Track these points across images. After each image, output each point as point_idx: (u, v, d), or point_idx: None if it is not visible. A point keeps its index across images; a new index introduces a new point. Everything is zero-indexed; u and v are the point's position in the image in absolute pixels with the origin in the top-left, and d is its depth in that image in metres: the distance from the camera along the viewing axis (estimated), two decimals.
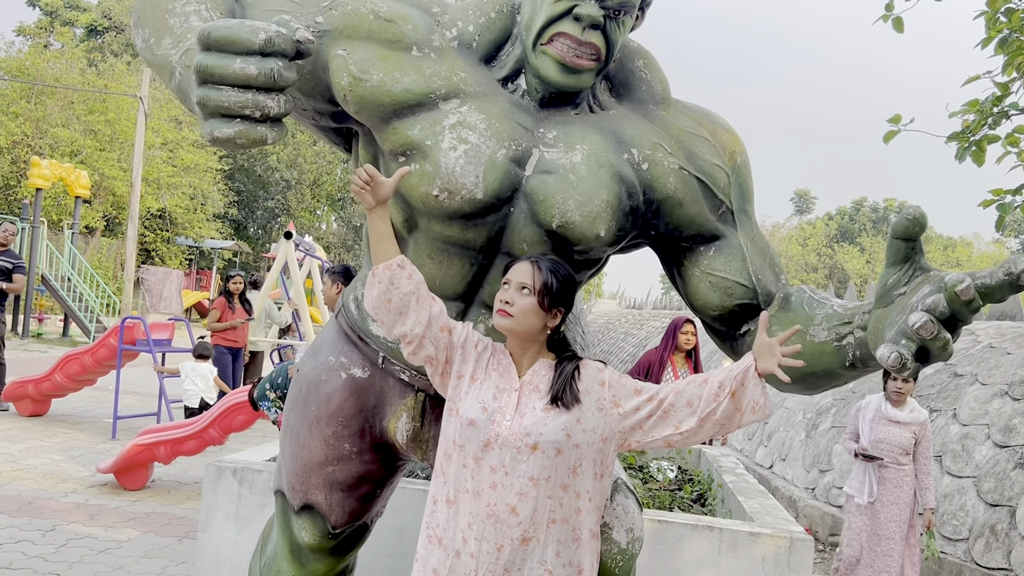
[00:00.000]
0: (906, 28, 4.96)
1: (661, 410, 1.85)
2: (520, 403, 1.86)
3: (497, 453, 1.83)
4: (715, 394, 1.81)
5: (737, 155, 2.19)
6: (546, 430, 1.82)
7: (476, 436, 1.85)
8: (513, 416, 1.85)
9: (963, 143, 4.53)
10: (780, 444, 8.82)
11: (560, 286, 1.88)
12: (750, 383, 1.79)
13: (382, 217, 1.88)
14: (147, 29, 2.11)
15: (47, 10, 39.82)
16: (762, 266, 2.15)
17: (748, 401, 1.80)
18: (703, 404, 1.82)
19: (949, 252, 46.82)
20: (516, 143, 1.98)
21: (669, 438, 1.86)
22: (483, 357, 1.94)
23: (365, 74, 1.99)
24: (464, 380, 1.92)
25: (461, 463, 1.87)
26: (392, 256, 1.87)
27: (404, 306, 1.87)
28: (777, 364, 1.76)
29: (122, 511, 5.57)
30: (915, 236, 1.68)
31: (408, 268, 1.88)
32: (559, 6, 1.94)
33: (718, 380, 1.82)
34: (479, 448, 1.85)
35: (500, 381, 1.90)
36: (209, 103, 1.63)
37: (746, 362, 1.81)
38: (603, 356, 21.10)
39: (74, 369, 8.66)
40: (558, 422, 1.82)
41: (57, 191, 23.24)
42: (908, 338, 1.53)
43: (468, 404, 1.88)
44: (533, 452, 1.81)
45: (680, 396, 1.85)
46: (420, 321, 1.87)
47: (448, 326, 1.93)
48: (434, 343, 1.90)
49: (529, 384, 1.89)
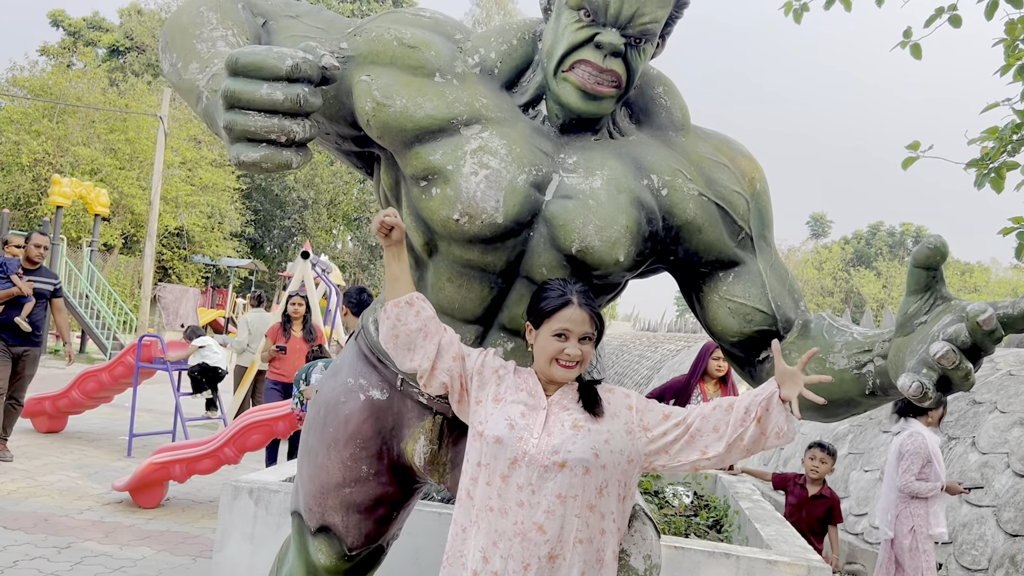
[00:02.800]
0: (925, 54, 4.97)
1: (688, 435, 1.86)
2: (548, 421, 1.87)
3: (524, 471, 1.83)
4: (741, 419, 1.82)
5: (756, 182, 2.19)
6: (575, 448, 1.82)
7: (503, 454, 1.85)
8: (540, 434, 1.85)
9: (982, 170, 4.51)
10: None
11: (598, 318, 1.94)
12: (774, 409, 1.80)
13: (398, 257, 1.93)
14: (175, 54, 2.15)
15: (70, 30, 40.39)
16: (781, 292, 2.15)
17: (773, 427, 1.81)
18: (730, 430, 1.83)
19: (967, 277, 46.48)
20: (536, 168, 1.99)
21: (697, 463, 1.87)
22: (505, 379, 1.95)
23: (388, 100, 2.01)
24: (484, 404, 1.93)
25: (486, 481, 1.87)
26: (403, 295, 1.91)
27: (411, 342, 1.92)
28: (799, 392, 1.77)
29: (137, 529, 5.58)
30: (936, 265, 1.68)
31: (416, 305, 1.91)
32: (581, 34, 1.96)
33: (744, 405, 1.83)
34: (506, 466, 1.84)
35: (528, 400, 1.91)
36: (236, 128, 1.65)
37: (770, 388, 1.82)
38: (617, 378, 21.03)
39: (91, 386, 8.71)
40: (587, 441, 1.83)
41: (77, 209, 23.46)
42: (929, 367, 1.53)
43: (494, 423, 1.88)
44: (561, 470, 1.81)
45: (706, 421, 1.86)
46: (428, 355, 1.91)
47: (461, 354, 1.95)
48: (447, 373, 1.93)
49: (557, 404, 1.90)
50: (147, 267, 21.23)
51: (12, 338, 7.12)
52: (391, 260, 1.94)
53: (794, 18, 5.32)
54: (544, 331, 1.90)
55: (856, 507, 7.03)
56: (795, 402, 1.77)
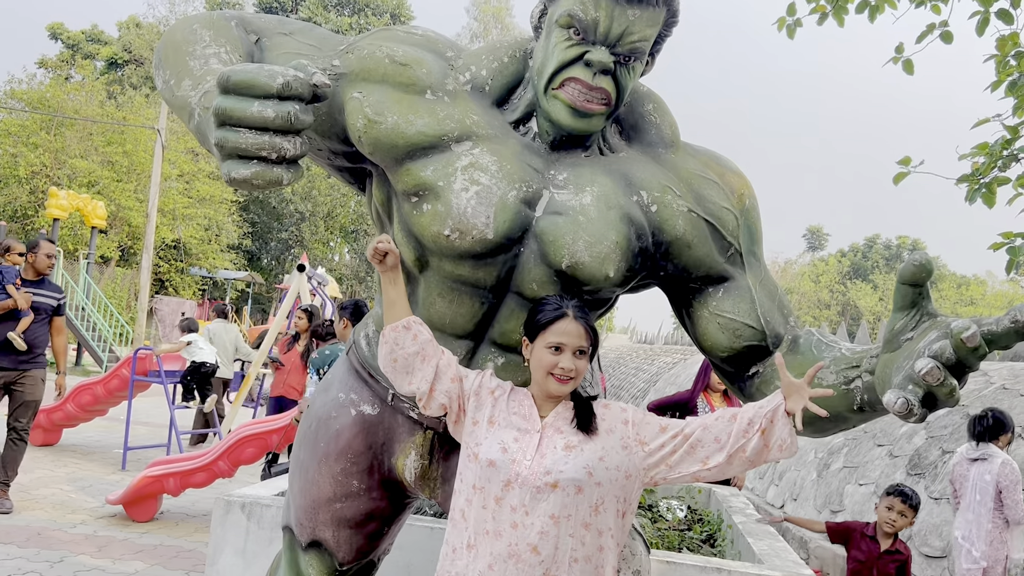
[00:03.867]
0: (918, 69, 5.01)
1: (688, 445, 1.86)
2: (541, 444, 1.87)
3: (517, 492, 1.83)
4: (744, 430, 1.82)
5: (746, 198, 2.21)
6: (566, 468, 1.82)
7: (496, 476, 1.85)
8: (534, 456, 1.85)
9: (973, 185, 4.54)
10: (791, 483, 8.74)
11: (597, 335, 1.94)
12: (779, 421, 1.81)
13: (394, 282, 1.96)
14: (168, 71, 2.16)
15: (69, 43, 40.51)
16: (771, 308, 2.16)
17: (776, 439, 1.81)
18: (732, 440, 1.83)
19: (963, 290, 46.57)
20: (527, 184, 2.01)
21: (697, 473, 1.87)
22: (500, 401, 1.96)
23: (380, 116, 2.02)
24: (480, 425, 1.93)
25: (481, 505, 1.88)
26: (400, 319, 1.93)
27: (409, 366, 1.93)
28: (804, 405, 1.77)
29: (130, 543, 5.56)
30: (922, 282, 1.69)
31: (414, 329, 1.93)
32: (570, 52, 1.98)
33: (747, 417, 1.83)
34: (500, 488, 1.85)
35: (522, 423, 1.92)
36: (227, 145, 1.67)
37: (776, 400, 1.82)
38: (613, 391, 21.01)
39: (86, 399, 8.70)
40: (579, 460, 1.83)
41: (74, 221, 23.48)
42: (915, 384, 1.54)
43: (488, 446, 1.89)
44: (553, 490, 1.82)
45: (707, 431, 1.86)
46: (426, 378, 1.93)
47: (459, 375, 1.96)
48: (446, 394, 1.94)
49: (551, 426, 1.90)
50: (144, 279, 21.23)
51: (3, 358, 6.13)
52: (387, 285, 1.96)
53: (788, 33, 5.37)
54: (539, 344, 1.91)
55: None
56: (799, 415, 1.77)
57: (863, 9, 5.21)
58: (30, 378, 6.21)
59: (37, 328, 6.26)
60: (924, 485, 6.48)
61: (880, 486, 6.99)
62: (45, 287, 6.40)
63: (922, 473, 6.64)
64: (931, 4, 5.06)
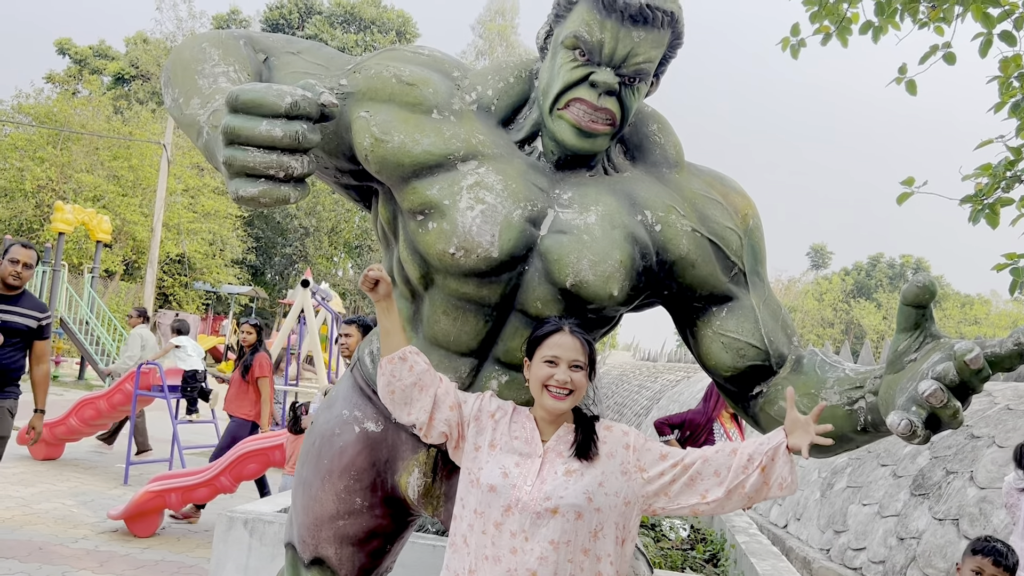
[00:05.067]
0: (923, 90, 5.03)
1: (687, 476, 1.86)
2: (543, 469, 1.87)
3: (517, 518, 1.83)
4: (744, 466, 1.81)
5: (750, 218, 2.22)
6: (567, 493, 1.82)
7: (497, 502, 1.85)
8: (534, 482, 1.85)
9: (977, 206, 4.55)
10: (795, 503, 8.70)
11: (592, 351, 1.93)
12: (780, 459, 1.80)
13: (388, 311, 1.98)
14: (177, 88, 2.18)
15: (77, 58, 40.77)
16: (774, 328, 2.16)
17: (776, 477, 1.80)
18: (731, 475, 1.82)
19: (967, 310, 46.47)
20: (532, 203, 2.02)
21: (696, 507, 1.86)
22: (501, 424, 1.96)
23: (386, 135, 2.04)
24: (482, 450, 1.94)
25: (481, 530, 1.88)
26: (396, 349, 1.94)
27: (407, 397, 1.95)
28: (809, 443, 1.77)
29: (132, 559, 5.55)
30: (925, 303, 1.70)
31: (410, 359, 1.94)
32: (576, 73, 2.00)
33: (748, 453, 1.82)
34: (500, 513, 1.85)
35: (523, 447, 1.91)
36: (235, 163, 1.68)
37: (777, 438, 1.81)
38: (616, 408, 20.96)
39: (89, 413, 8.70)
40: (579, 485, 1.83)
41: (79, 235, 23.55)
42: (918, 405, 1.54)
43: (489, 471, 1.89)
44: (553, 516, 1.81)
45: (707, 464, 1.85)
46: (424, 408, 1.94)
47: (458, 402, 1.97)
48: (445, 423, 1.95)
49: (553, 450, 1.90)
50: (148, 293, 21.27)
51: None
52: (381, 315, 1.98)
53: (791, 53, 5.40)
54: (536, 359, 1.92)
55: (854, 541, 6.99)
56: (806, 449, 1.77)
57: (867, 30, 5.24)
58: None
59: (10, 352, 4.91)
60: (928, 506, 6.45)
61: (884, 506, 6.96)
62: (23, 304, 5.01)
63: (926, 494, 6.61)
64: (934, 25, 5.09)
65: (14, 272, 4.84)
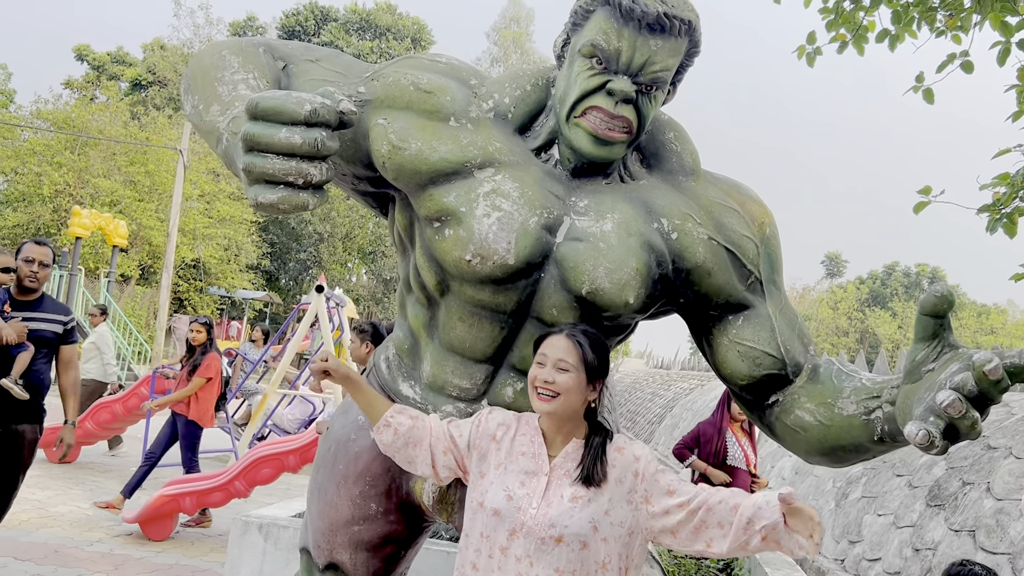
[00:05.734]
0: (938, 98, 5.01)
1: (693, 524, 1.81)
2: (548, 490, 1.85)
3: (522, 543, 1.81)
4: (744, 527, 1.77)
5: (766, 226, 2.21)
6: (572, 522, 1.79)
7: (501, 526, 1.84)
8: (539, 504, 1.83)
9: (994, 215, 4.53)
10: None
11: (598, 356, 1.89)
12: (784, 537, 1.73)
13: (356, 389, 2.04)
14: (196, 95, 2.20)
15: (95, 64, 41.15)
16: (791, 337, 2.16)
17: (786, 547, 1.75)
18: (733, 533, 1.78)
19: (983, 319, 46.14)
20: (548, 211, 2.03)
21: (704, 552, 1.82)
22: (504, 442, 1.95)
23: (404, 143, 2.05)
24: (487, 476, 1.93)
25: (488, 554, 1.87)
26: (379, 418, 2.00)
27: (407, 457, 2.01)
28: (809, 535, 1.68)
29: (146, 562, 5.57)
30: (943, 313, 1.69)
31: (393, 423, 1.99)
32: (593, 81, 2.00)
33: (747, 515, 1.76)
34: (505, 538, 1.84)
35: (529, 464, 1.90)
36: (255, 170, 1.69)
37: (774, 517, 1.74)
38: (629, 417, 20.91)
39: (105, 417, 8.76)
40: (585, 513, 1.80)
41: (96, 240, 23.74)
42: (937, 416, 1.53)
43: (493, 494, 1.87)
44: (557, 544, 1.79)
45: (711, 514, 1.80)
46: (425, 462, 1.99)
47: (452, 442, 1.98)
48: (447, 467, 1.99)
49: (560, 468, 1.88)
50: (163, 298, 21.39)
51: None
52: (352, 392, 2.05)
53: (807, 62, 5.39)
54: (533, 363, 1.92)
55: (869, 552, 6.94)
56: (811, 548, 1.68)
57: (883, 38, 5.22)
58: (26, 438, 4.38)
59: (39, 366, 4.48)
60: (944, 517, 6.40)
61: (899, 517, 6.91)
62: (44, 309, 4.56)
63: (942, 504, 6.56)
64: (952, 34, 5.07)
65: (30, 273, 4.39)
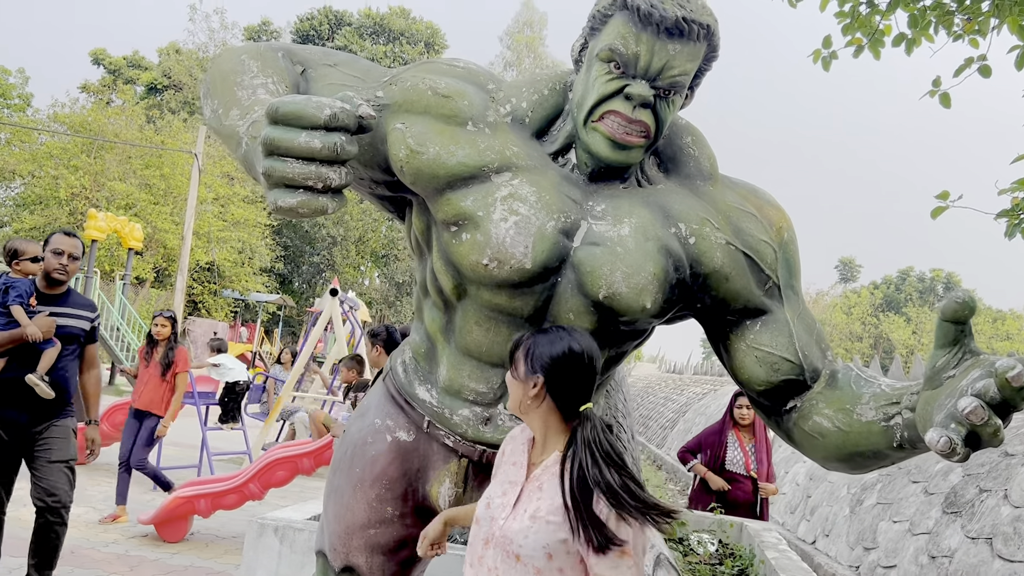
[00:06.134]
0: (955, 101, 4.98)
1: None
2: (519, 501, 1.83)
3: (492, 553, 1.80)
4: None
5: (784, 231, 2.20)
6: (526, 543, 1.75)
7: (479, 534, 1.84)
8: (509, 515, 1.81)
9: (1013, 220, 4.49)
10: (823, 519, 8.60)
11: (527, 347, 1.85)
12: None
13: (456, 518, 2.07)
14: (216, 100, 2.21)
15: (110, 68, 41.47)
16: (809, 342, 2.15)
17: None
18: None
19: (999, 325, 45.80)
20: (565, 215, 2.03)
21: None
22: (506, 450, 1.96)
23: (422, 147, 2.05)
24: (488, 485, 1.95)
25: (470, 563, 1.87)
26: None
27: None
28: None
29: (161, 563, 5.60)
30: (964, 319, 1.67)
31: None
32: (611, 85, 2.00)
33: None
34: (481, 546, 1.83)
35: (512, 473, 1.89)
36: (274, 174, 1.70)
37: None
38: (642, 421, 20.87)
39: (120, 419, 8.80)
40: (539, 537, 1.74)
41: (111, 243, 23.90)
42: (958, 422, 1.52)
43: (480, 501, 1.88)
44: (518, 562, 1.76)
45: None
46: None
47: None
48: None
49: (535, 480, 1.84)
50: (177, 301, 21.51)
51: (14, 411, 4.18)
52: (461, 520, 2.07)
53: (823, 66, 5.37)
54: None
55: (885, 559, 6.90)
56: None
57: (900, 42, 5.20)
58: (59, 429, 4.29)
59: (65, 363, 4.34)
60: (961, 524, 6.35)
61: (915, 524, 6.87)
62: (71, 303, 4.40)
63: (959, 512, 6.51)
64: (969, 38, 5.04)
65: (59, 265, 4.21)
